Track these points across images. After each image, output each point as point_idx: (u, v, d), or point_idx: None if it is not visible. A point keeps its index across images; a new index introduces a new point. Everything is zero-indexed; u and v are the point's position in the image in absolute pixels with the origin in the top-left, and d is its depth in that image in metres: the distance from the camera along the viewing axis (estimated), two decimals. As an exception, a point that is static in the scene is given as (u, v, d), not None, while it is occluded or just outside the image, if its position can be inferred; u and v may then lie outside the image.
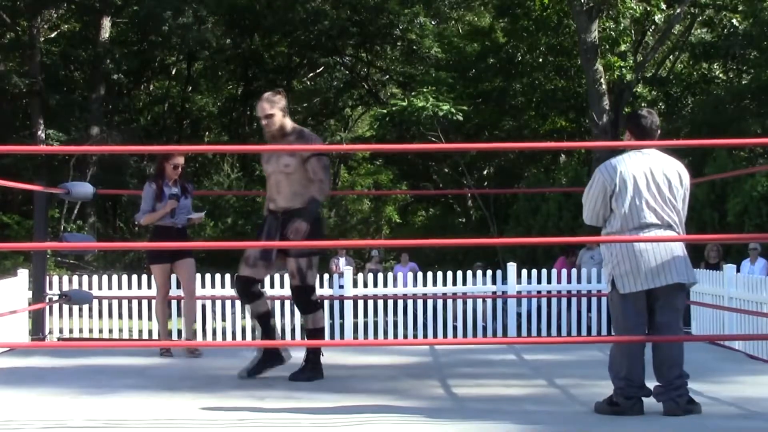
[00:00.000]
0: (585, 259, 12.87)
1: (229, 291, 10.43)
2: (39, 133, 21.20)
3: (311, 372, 5.65)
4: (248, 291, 5.70)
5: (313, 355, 5.71)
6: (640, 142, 4.58)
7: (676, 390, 4.43)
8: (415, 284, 11.36)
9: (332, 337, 10.61)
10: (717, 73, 21.88)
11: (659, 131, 4.67)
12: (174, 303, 10.72)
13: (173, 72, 26.29)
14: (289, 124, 5.67)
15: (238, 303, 10.62)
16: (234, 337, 10.53)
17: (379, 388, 5.38)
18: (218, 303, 10.71)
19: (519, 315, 11.32)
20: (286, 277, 10.82)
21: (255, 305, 5.76)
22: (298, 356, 6.70)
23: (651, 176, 4.44)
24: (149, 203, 6.75)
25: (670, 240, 4.44)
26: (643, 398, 4.49)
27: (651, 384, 4.51)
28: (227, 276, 10.48)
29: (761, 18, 18.39)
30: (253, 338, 10.44)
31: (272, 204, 5.66)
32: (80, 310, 10.60)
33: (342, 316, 10.83)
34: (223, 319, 10.88)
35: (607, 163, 4.57)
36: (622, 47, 18.45)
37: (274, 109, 5.57)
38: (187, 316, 7.02)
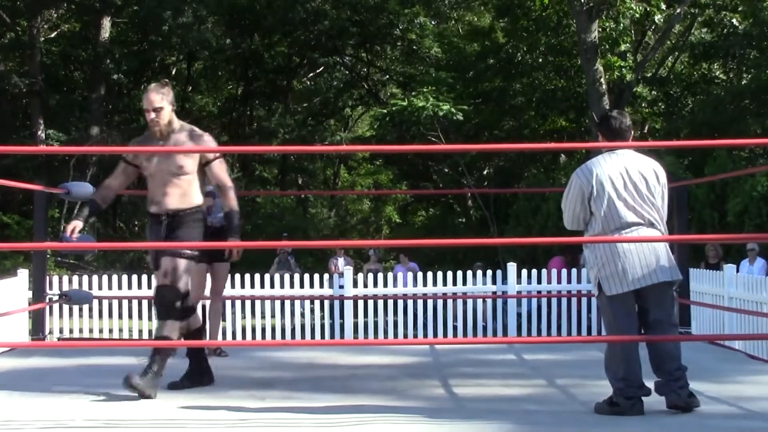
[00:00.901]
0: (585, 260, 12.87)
1: (229, 291, 10.42)
2: (39, 133, 21.19)
3: (196, 377, 5.30)
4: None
5: (196, 359, 5.35)
6: (642, 142, 4.64)
7: (676, 381, 4.45)
8: (415, 284, 11.36)
9: (332, 336, 10.61)
10: (717, 73, 21.89)
11: (632, 132, 4.70)
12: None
13: (173, 72, 26.28)
14: (176, 119, 5.24)
15: (238, 303, 10.63)
16: (234, 337, 10.53)
17: (379, 388, 5.38)
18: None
19: (519, 315, 11.32)
20: (287, 277, 10.85)
21: (187, 321, 5.26)
22: (298, 356, 6.70)
23: (627, 176, 4.47)
24: None
25: (671, 240, 4.48)
26: (643, 398, 4.49)
27: (649, 382, 4.52)
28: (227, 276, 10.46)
29: (761, 18, 18.40)
30: (253, 338, 10.44)
31: (155, 207, 5.16)
32: (80, 310, 10.60)
33: (342, 316, 10.83)
34: (223, 319, 10.87)
35: (582, 166, 4.61)
36: (622, 47, 18.45)
37: (164, 101, 5.12)
38: (215, 317, 7.02)
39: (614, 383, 4.50)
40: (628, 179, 4.46)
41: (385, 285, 10.93)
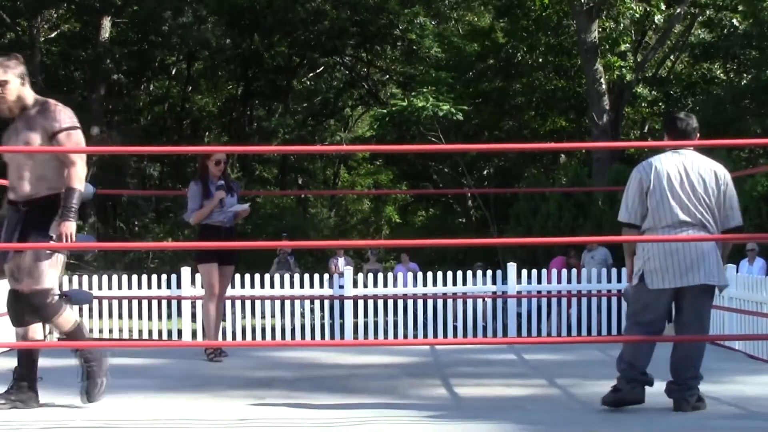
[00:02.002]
0: (587, 260, 12.87)
1: (229, 291, 10.39)
2: (39, 133, 21.18)
3: (18, 395, 4.61)
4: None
5: (27, 372, 4.67)
6: (643, 142, 4.71)
7: (688, 390, 4.53)
8: (415, 284, 11.35)
9: (332, 337, 10.61)
10: (717, 73, 21.88)
11: (697, 133, 4.77)
12: (173, 303, 10.75)
13: (173, 72, 26.29)
14: (30, 94, 4.73)
15: (238, 303, 10.63)
16: (234, 337, 10.53)
17: (379, 388, 5.38)
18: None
19: (519, 315, 11.31)
20: (287, 277, 10.85)
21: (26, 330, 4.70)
22: (298, 356, 6.71)
23: (685, 175, 4.52)
24: (197, 201, 6.66)
25: (671, 240, 4.48)
26: (646, 387, 4.58)
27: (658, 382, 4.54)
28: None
29: (761, 18, 18.39)
30: (253, 338, 10.44)
31: (12, 193, 4.69)
32: (80, 310, 10.59)
33: (342, 316, 10.83)
34: (223, 319, 10.87)
35: (644, 162, 4.66)
36: (622, 47, 18.45)
37: (8, 74, 4.61)
38: (218, 318, 6.98)
39: (618, 365, 4.58)
40: (686, 178, 4.51)
41: (385, 285, 10.92)
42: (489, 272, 11.21)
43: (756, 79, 18.99)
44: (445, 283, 10.86)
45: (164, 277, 10.60)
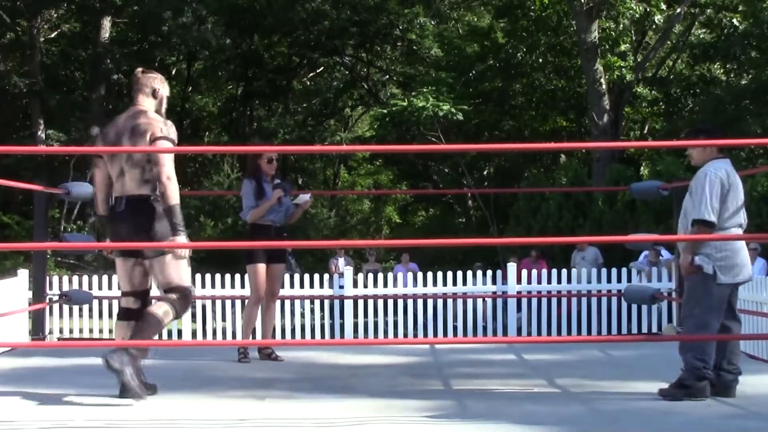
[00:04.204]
0: (577, 260, 12.87)
1: (229, 291, 10.43)
2: (39, 133, 21.19)
3: None
4: None
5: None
6: (642, 142, 4.95)
7: (740, 374, 4.96)
8: (415, 284, 11.34)
9: (332, 336, 10.61)
10: (717, 73, 21.88)
11: None
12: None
13: (173, 72, 26.29)
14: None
15: (238, 303, 10.63)
16: (234, 337, 10.52)
17: (379, 388, 5.38)
18: (218, 303, 10.70)
19: (519, 318, 11.30)
20: (287, 277, 10.85)
21: None
22: (298, 356, 6.71)
23: (736, 180, 4.92)
24: (251, 199, 6.61)
25: (672, 240, 4.61)
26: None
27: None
28: (227, 276, 10.48)
29: (761, 18, 18.39)
30: (253, 338, 10.43)
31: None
32: (80, 310, 10.59)
33: (342, 316, 10.83)
34: (224, 319, 10.87)
35: (714, 167, 4.89)
36: (622, 47, 18.44)
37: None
38: (270, 319, 6.99)
39: (693, 362, 4.75)
40: (737, 183, 4.92)
41: (385, 285, 10.92)
42: (489, 272, 11.21)
43: (756, 79, 18.97)
44: (445, 283, 10.86)
45: (164, 277, 10.58)
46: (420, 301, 11.07)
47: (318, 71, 27.07)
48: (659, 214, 13.60)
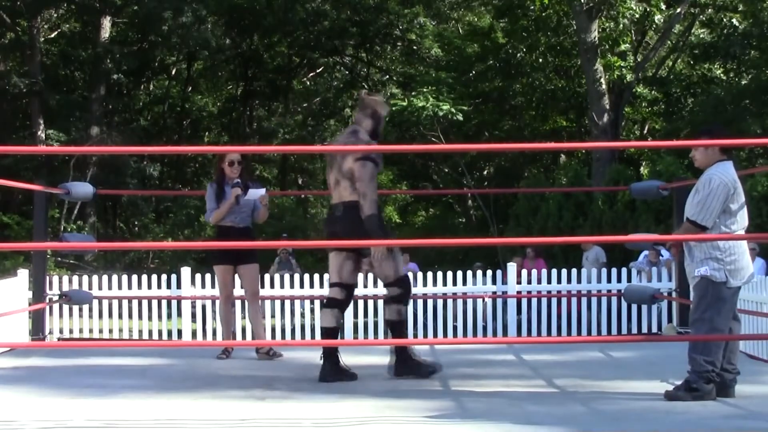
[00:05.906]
0: (584, 262, 12.86)
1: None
2: (39, 133, 21.18)
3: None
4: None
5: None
6: (642, 142, 4.94)
7: (737, 375, 4.95)
8: (415, 284, 11.34)
9: (332, 337, 10.58)
10: (717, 73, 21.88)
11: None
12: (173, 303, 10.74)
13: (173, 72, 26.29)
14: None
15: (238, 303, 10.62)
16: (234, 337, 10.51)
17: (379, 388, 5.38)
18: (218, 303, 10.68)
19: (519, 320, 11.29)
20: (287, 277, 10.85)
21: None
22: (298, 356, 6.71)
23: (739, 182, 4.94)
24: (212, 201, 6.80)
25: (677, 239, 4.67)
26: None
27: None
28: (227, 276, 10.45)
29: (761, 18, 18.40)
30: (253, 338, 10.43)
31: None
32: (80, 310, 10.59)
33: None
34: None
35: (718, 171, 4.87)
36: (622, 47, 18.44)
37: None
38: (254, 318, 7.11)
39: (702, 366, 4.75)
40: (740, 186, 4.93)
41: (385, 285, 10.90)
42: (489, 272, 11.21)
43: (756, 79, 18.98)
44: (445, 283, 10.85)
45: (164, 277, 10.59)
46: (420, 301, 11.06)
47: (318, 71, 27.06)
48: (659, 214, 13.61)
